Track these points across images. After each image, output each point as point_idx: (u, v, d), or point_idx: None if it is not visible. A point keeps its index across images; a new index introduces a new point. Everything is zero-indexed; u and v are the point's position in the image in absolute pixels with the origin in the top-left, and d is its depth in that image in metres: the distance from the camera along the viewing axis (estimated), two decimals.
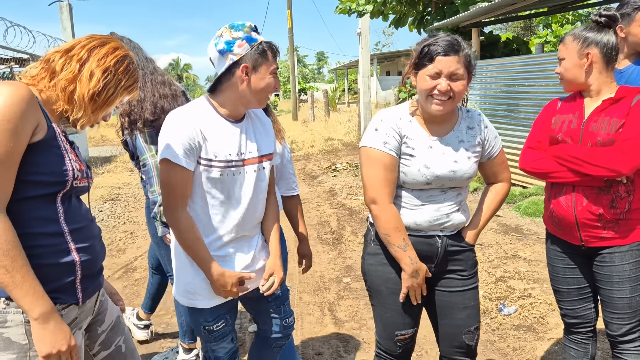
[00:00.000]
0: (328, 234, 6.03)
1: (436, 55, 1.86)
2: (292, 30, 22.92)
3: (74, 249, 1.47)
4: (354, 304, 4.04)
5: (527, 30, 23.05)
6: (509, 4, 7.91)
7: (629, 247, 2.07)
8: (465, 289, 2.08)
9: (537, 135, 2.24)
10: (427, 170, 1.94)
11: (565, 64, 2.12)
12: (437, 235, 2.01)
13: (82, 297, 1.53)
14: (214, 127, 1.92)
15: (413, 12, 11.19)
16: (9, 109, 1.29)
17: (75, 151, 1.55)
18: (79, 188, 1.51)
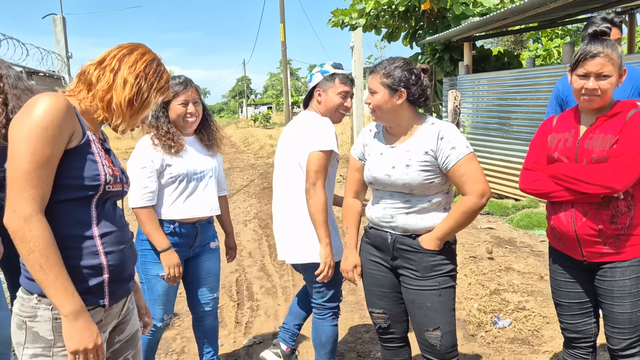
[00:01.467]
0: None
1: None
2: (285, 43, 23.05)
3: (102, 252, 1.53)
4: (349, 317, 4.02)
5: (517, 45, 23.30)
6: (500, 19, 8.01)
7: (630, 263, 2.07)
8: (420, 289, 2.22)
9: (533, 155, 2.26)
10: (368, 172, 2.31)
11: (612, 80, 2.01)
12: (388, 231, 2.27)
13: (109, 300, 1.57)
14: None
15: (405, 26, 11.28)
16: (47, 118, 1.40)
17: (111, 158, 1.63)
18: (113, 192, 1.59)
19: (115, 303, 1.63)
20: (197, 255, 2.77)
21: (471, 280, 4.56)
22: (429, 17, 10.63)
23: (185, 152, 2.62)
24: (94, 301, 1.54)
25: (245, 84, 68.96)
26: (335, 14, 11.92)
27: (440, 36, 9.62)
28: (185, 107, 2.59)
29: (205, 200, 2.68)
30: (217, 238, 2.88)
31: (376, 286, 2.37)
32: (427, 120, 2.24)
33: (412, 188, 2.16)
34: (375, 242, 2.34)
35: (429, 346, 2.24)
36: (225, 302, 4.43)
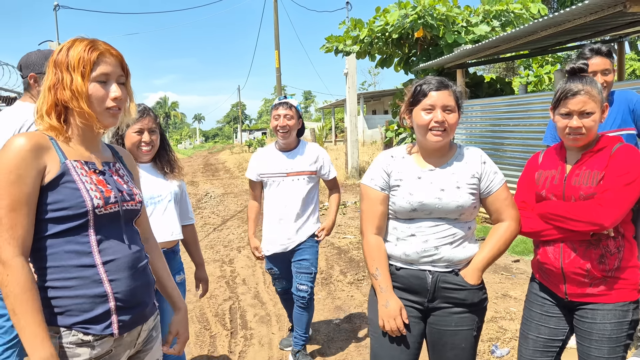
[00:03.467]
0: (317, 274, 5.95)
1: (429, 91, 2.06)
2: (279, 69, 23.25)
3: (106, 280, 1.49)
4: (344, 345, 3.95)
5: (509, 71, 23.64)
6: (492, 46, 8.13)
7: (613, 307, 2.00)
8: (458, 329, 2.07)
9: (521, 195, 2.23)
10: (410, 196, 2.05)
11: (595, 117, 2.00)
12: (427, 270, 2.05)
13: (118, 329, 1.52)
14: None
15: (399, 53, 11.42)
16: (9, 161, 1.40)
17: (105, 179, 1.57)
18: (110, 214, 1.53)
19: (127, 332, 1.56)
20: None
21: None
22: (422, 44, 10.77)
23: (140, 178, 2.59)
24: (101, 330, 1.49)
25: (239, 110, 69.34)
26: (330, 40, 12.07)
27: (433, 63, 9.74)
28: (140, 135, 2.58)
29: (165, 224, 2.63)
30: (183, 271, 2.83)
31: (409, 338, 2.11)
32: (454, 143, 2.19)
33: (462, 211, 2.04)
34: (409, 284, 2.09)
35: None
36: (219, 331, 4.34)
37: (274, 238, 3.48)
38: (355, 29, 11.31)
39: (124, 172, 1.70)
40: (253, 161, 3.60)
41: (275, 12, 23.02)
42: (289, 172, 3.42)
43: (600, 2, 5.39)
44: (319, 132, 28.73)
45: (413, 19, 9.94)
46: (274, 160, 3.49)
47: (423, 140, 2.09)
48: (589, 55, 3.02)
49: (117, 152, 1.76)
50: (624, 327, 2.00)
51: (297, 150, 3.51)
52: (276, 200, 3.45)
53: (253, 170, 3.57)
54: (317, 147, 3.59)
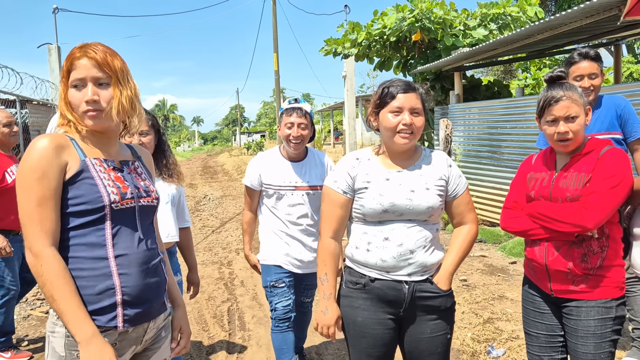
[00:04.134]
0: None
1: (397, 93, 2.02)
2: (278, 72, 23.30)
3: (116, 273, 1.54)
4: (341, 346, 3.97)
5: (507, 74, 23.71)
6: (489, 49, 8.17)
7: (595, 303, 2.04)
8: (434, 335, 2.09)
9: (513, 195, 2.28)
10: (380, 197, 2.01)
11: (580, 121, 2.05)
12: (404, 280, 2.02)
13: (122, 323, 1.55)
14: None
15: (397, 56, 11.47)
16: (34, 161, 1.49)
17: (122, 176, 1.64)
18: (126, 209, 1.60)
19: (132, 327, 1.60)
20: None
21: (464, 308, 4.54)
22: (420, 48, 10.82)
23: None
24: (105, 322, 1.53)
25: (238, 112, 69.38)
26: (329, 42, 12.13)
27: (431, 66, 9.78)
28: (130, 138, 2.54)
29: (161, 225, 2.64)
30: (180, 273, 2.87)
31: (378, 347, 2.08)
32: (419, 146, 2.21)
33: (432, 212, 2.04)
34: (384, 295, 2.04)
35: None
36: (217, 332, 4.36)
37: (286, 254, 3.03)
38: (354, 32, 11.36)
39: (142, 170, 1.77)
40: (254, 167, 3.08)
41: (274, 15, 23.08)
42: (299, 186, 3.00)
43: (596, 6, 5.43)
44: (318, 135, 28.79)
45: (410, 22, 9.99)
46: (281, 170, 3.03)
47: (390, 142, 2.06)
48: (577, 60, 3.08)
49: (136, 152, 1.83)
50: (608, 324, 2.04)
51: (307, 160, 3.08)
52: (287, 215, 3.01)
53: (254, 177, 3.07)
54: (326, 158, 3.18)
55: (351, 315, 2.08)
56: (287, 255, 3.00)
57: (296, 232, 3.00)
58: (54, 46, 13.43)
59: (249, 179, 3.09)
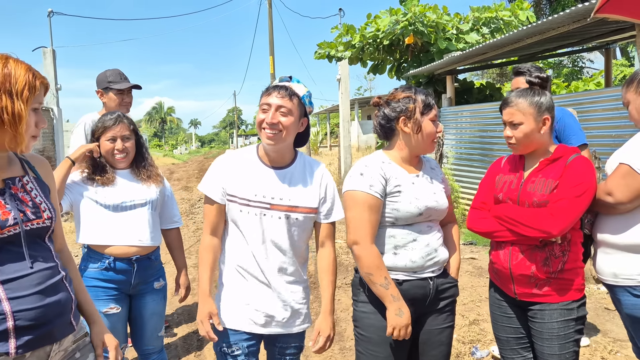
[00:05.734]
0: None
1: (434, 105, 2.17)
2: (274, 75, 23.36)
3: (4, 299, 1.46)
4: (329, 349, 4.02)
5: (502, 77, 23.83)
6: (479, 53, 8.25)
7: (557, 306, 2.10)
8: (443, 327, 2.21)
9: (481, 196, 2.34)
10: (417, 201, 2.09)
11: (523, 129, 2.14)
12: (429, 277, 2.14)
13: (15, 349, 1.47)
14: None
15: (390, 59, 11.56)
16: None
17: (3, 199, 1.52)
18: (8, 238, 1.49)
19: (29, 351, 1.51)
20: (141, 295, 2.74)
21: None
22: (413, 51, 10.90)
23: (114, 184, 2.64)
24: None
25: (235, 115, 69.49)
26: (322, 46, 12.21)
27: (423, 69, 9.86)
28: (113, 143, 2.63)
29: (133, 230, 2.64)
30: (163, 278, 2.85)
31: (400, 350, 2.13)
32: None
33: (446, 212, 2.22)
34: (412, 296, 2.09)
35: None
36: None
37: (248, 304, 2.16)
38: (347, 35, 11.45)
39: (33, 186, 1.63)
40: (218, 169, 2.18)
41: (270, 19, 23.16)
42: (275, 204, 2.11)
43: (582, 11, 5.51)
44: (314, 138, 28.86)
45: (404, 25, 10.07)
46: (254, 177, 2.14)
47: (424, 148, 2.15)
48: (514, 77, 3.39)
49: (29, 163, 1.70)
50: (571, 324, 2.11)
51: (293, 168, 2.19)
52: (254, 245, 2.13)
53: (215, 183, 2.16)
54: (322, 168, 2.27)
55: (376, 321, 2.11)
56: (250, 306, 2.14)
57: (267, 271, 2.13)
58: (49, 49, 13.47)
59: (208, 186, 2.17)
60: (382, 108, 2.19)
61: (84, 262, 2.64)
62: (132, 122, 2.73)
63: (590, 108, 5.84)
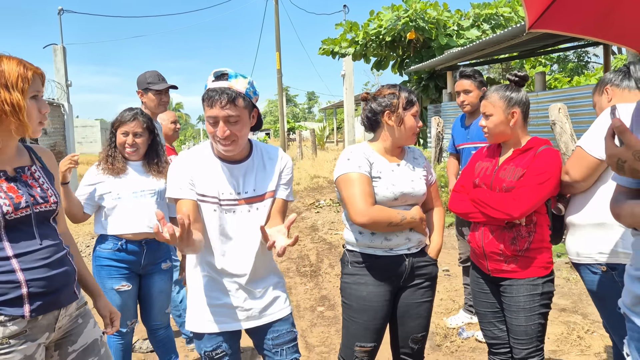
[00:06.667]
0: (307, 266, 6.27)
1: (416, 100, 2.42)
2: (280, 71, 23.57)
3: (19, 270, 1.67)
4: (326, 330, 4.26)
5: (507, 72, 23.93)
6: (478, 49, 8.43)
7: (524, 282, 2.33)
8: (421, 301, 2.45)
9: (461, 180, 2.59)
10: (393, 187, 2.31)
11: (493, 119, 2.38)
12: (404, 254, 2.35)
13: (29, 312, 1.69)
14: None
15: (393, 55, 11.75)
16: None
17: (16, 185, 1.73)
18: (20, 218, 1.70)
19: (41, 315, 1.73)
20: (150, 275, 3.00)
21: (443, 296, 4.82)
22: (415, 47, 11.08)
23: (125, 175, 2.90)
24: (13, 311, 1.66)
25: None
26: (326, 42, 12.41)
27: (424, 65, 10.04)
28: (125, 137, 2.88)
29: (142, 216, 2.88)
30: (170, 259, 3.11)
31: (377, 320, 2.38)
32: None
33: (424, 198, 2.42)
34: (387, 270, 2.36)
35: (410, 349, 2.48)
36: None
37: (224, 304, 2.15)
38: (351, 32, 11.64)
39: (40, 174, 1.84)
40: (181, 169, 2.08)
41: (276, 15, 23.34)
42: (241, 199, 2.11)
43: None
44: (320, 133, 29.06)
45: (405, 21, 10.25)
46: (216, 175, 2.10)
47: (404, 140, 2.38)
48: (457, 78, 3.76)
49: (36, 153, 1.90)
50: (536, 299, 2.33)
51: (251, 160, 2.15)
52: (224, 241, 2.11)
53: (183, 183, 2.06)
54: (280, 152, 2.25)
55: (356, 291, 2.38)
56: (225, 305, 2.14)
57: (238, 265, 2.13)
58: (59, 47, 13.78)
59: (177, 187, 2.06)
60: (370, 102, 2.41)
61: (98, 243, 2.91)
62: (149, 121, 2.97)
63: (583, 103, 6.02)
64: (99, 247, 2.89)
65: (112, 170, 2.88)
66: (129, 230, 2.87)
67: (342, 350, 2.48)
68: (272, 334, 2.21)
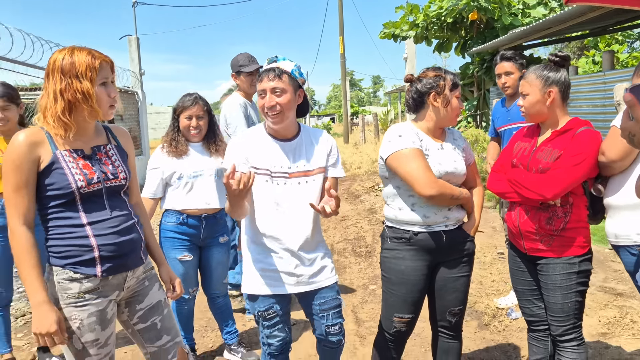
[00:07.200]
0: (362, 247, 6.43)
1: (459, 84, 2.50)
2: (344, 55, 23.60)
3: (91, 235, 1.91)
4: (376, 307, 4.40)
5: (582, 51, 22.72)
6: (543, 28, 8.15)
7: (560, 260, 2.36)
8: (458, 276, 2.53)
9: (500, 160, 2.62)
10: (440, 166, 2.39)
11: (529, 99, 2.41)
12: (442, 230, 2.43)
13: (100, 272, 1.93)
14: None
15: (456, 37, 11.53)
16: (13, 153, 1.83)
17: (90, 162, 1.94)
18: (93, 192, 1.92)
19: (112, 275, 1.96)
20: (209, 247, 3.29)
21: (495, 277, 4.84)
22: (478, 28, 10.82)
23: (187, 156, 3.17)
24: (87, 271, 1.91)
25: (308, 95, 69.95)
26: (387, 26, 12.34)
27: (487, 46, 9.81)
28: (189, 121, 3.15)
29: (201, 195, 3.16)
30: (228, 234, 3.39)
31: (414, 292, 2.48)
32: None
33: (464, 177, 2.50)
34: (425, 245, 2.43)
35: (447, 322, 2.58)
36: None
37: (277, 270, 2.37)
38: (411, 14, 11.52)
39: (114, 152, 2.05)
40: (237, 148, 2.36)
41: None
42: (293, 172, 2.35)
43: None
44: (384, 117, 28.88)
45: (466, 1, 10.03)
46: (270, 151, 2.35)
47: (447, 121, 2.46)
48: (498, 61, 3.79)
49: (112, 133, 2.11)
50: (573, 277, 2.36)
51: (300, 139, 2.41)
52: (277, 212, 2.34)
53: (240, 157, 2.33)
54: (325, 135, 2.50)
55: (395, 265, 2.48)
56: (278, 270, 2.36)
57: (290, 234, 2.35)
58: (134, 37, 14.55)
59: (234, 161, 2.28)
60: (415, 84, 2.50)
61: (164, 217, 3.23)
62: (207, 104, 3.24)
63: None
64: (164, 221, 3.20)
65: (175, 152, 3.16)
66: (189, 206, 3.16)
67: (382, 321, 2.62)
68: (319, 300, 2.43)
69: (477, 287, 4.66)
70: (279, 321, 2.41)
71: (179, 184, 3.15)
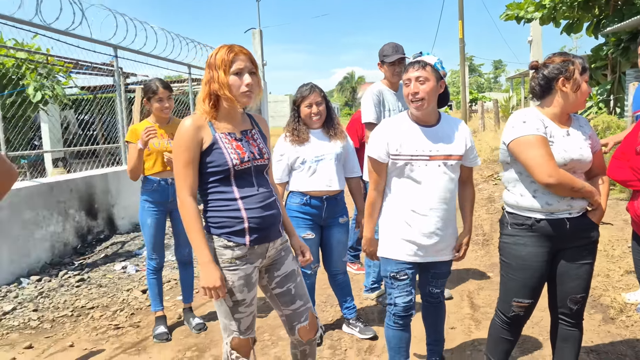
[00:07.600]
0: (479, 235, 6.36)
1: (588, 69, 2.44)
2: (463, 40, 22.84)
3: (242, 209, 2.18)
4: (492, 294, 4.39)
5: None
6: None
7: None
8: (581, 263, 2.49)
9: (623, 147, 2.53)
10: (565, 153, 2.36)
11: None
12: (565, 218, 2.40)
13: (249, 241, 2.20)
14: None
15: (588, 16, 10.72)
16: (181, 136, 2.14)
17: (242, 144, 2.22)
18: (244, 169, 2.19)
19: (257, 244, 2.22)
20: (329, 227, 3.53)
21: (624, 272, 4.58)
22: (615, 4, 9.97)
23: (309, 142, 3.41)
24: (238, 240, 2.18)
25: None
26: (510, 7, 11.80)
27: (625, 24, 9.03)
28: (309, 108, 3.40)
29: (323, 177, 3.41)
30: (346, 215, 3.59)
31: (535, 278, 2.47)
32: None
33: (590, 166, 2.44)
34: (547, 232, 2.42)
35: (569, 309, 2.56)
36: None
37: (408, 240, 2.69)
38: None
39: (258, 136, 2.31)
40: (380, 134, 2.70)
41: None
42: (433, 155, 2.61)
43: None
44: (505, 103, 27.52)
45: None
46: (412, 136, 2.63)
47: (575, 106, 2.41)
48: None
49: (254, 120, 2.38)
50: None
51: (440, 125, 2.69)
52: (417, 192, 2.64)
53: (380, 147, 2.66)
54: (463, 124, 2.76)
55: (515, 251, 2.48)
56: (409, 242, 2.68)
57: (430, 210, 2.64)
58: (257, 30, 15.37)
59: (375, 150, 2.68)
60: (541, 70, 2.47)
61: (288, 198, 3.53)
62: (322, 91, 3.48)
63: None
64: (289, 202, 3.50)
65: (298, 140, 3.42)
66: (312, 188, 3.42)
67: (499, 305, 2.65)
68: (435, 270, 2.81)
69: (604, 280, 4.45)
70: (407, 284, 2.73)
71: (303, 167, 3.41)
